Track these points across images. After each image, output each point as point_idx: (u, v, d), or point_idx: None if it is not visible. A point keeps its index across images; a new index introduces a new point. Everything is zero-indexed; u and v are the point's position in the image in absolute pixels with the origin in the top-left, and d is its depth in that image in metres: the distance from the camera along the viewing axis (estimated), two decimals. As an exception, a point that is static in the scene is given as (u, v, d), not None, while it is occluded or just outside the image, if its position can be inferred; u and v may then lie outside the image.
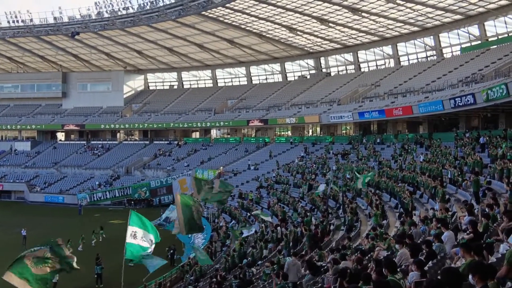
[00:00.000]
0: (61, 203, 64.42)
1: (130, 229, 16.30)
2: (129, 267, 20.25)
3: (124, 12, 66.16)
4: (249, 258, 26.73)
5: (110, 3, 66.47)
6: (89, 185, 67.07)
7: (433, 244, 11.12)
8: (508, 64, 39.63)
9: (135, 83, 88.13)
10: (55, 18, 70.43)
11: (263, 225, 33.71)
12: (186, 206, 17.15)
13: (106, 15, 67.43)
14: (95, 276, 29.51)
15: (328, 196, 33.80)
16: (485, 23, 52.38)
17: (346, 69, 71.52)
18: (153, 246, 17.02)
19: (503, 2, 47.75)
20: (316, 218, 29.10)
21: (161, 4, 62.60)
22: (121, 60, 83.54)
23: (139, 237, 16.21)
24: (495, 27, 52.08)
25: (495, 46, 49.67)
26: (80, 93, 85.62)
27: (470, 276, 5.38)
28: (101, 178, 69.04)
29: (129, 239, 16.25)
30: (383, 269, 8.16)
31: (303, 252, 22.68)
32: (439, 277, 5.41)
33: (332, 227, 26.49)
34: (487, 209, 13.69)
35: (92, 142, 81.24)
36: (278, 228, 29.13)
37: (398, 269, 9.11)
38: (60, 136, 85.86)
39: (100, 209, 58.41)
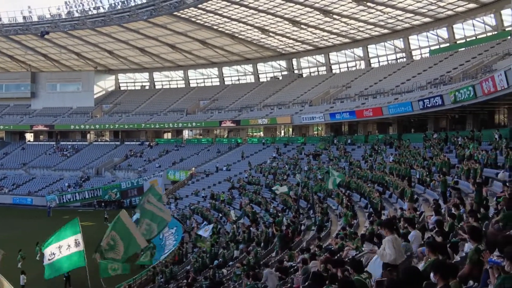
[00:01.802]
0: (30, 204, 63.26)
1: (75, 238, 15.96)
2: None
3: (94, 11, 65.35)
4: (220, 259, 26.69)
5: (81, 3, 65.67)
6: (58, 187, 66.08)
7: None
8: (476, 67, 40.39)
9: (106, 84, 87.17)
10: (24, 18, 69.24)
11: (234, 226, 33.68)
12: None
13: (76, 14, 66.52)
14: (64, 279, 29.01)
15: (299, 197, 33.95)
16: (454, 26, 53.35)
17: (318, 71, 72.00)
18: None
19: (471, 5, 48.70)
20: (287, 218, 29.17)
21: (132, 4, 62.06)
22: (91, 60, 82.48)
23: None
24: (463, 30, 53.08)
25: (463, 49, 50.64)
26: (50, 93, 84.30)
27: (432, 275, 5.44)
28: (70, 179, 68.07)
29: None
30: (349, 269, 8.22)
31: (274, 254, 22.76)
32: (400, 276, 5.46)
33: (303, 228, 26.60)
34: (453, 209, 13.92)
35: (62, 143, 79.99)
36: (251, 228, 29.14)
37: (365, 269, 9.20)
38: (29, 136, 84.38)
39: (70, 211, 57.42)
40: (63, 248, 15.34)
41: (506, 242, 5.42)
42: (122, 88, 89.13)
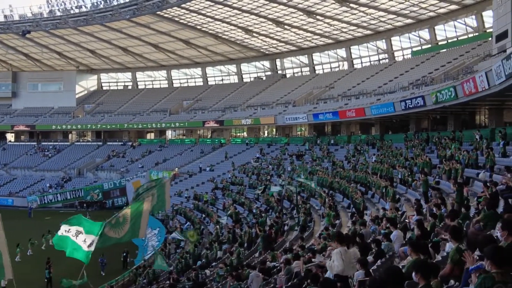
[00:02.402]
0: (11, 205, 62.38)
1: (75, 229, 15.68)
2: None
3: (77, 10, 64.81)
4: (203, 260, 26.61)
5: (63, 2, 65.08)
6: (40, 187, 65.38)
7: (382, 243, 11.31)
8: (457, 68, 40.81)
9: (88, 83, 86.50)
10: (5, 16, 68.36)
11: (217, 226, 33.62)
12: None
13: (58, 13, 65.87)
14: (45, 280, 28.74)
15: (283, 197, 33.98)
16: (435, 27, 53.88)
17: (301, 71, 72.19)
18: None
19: (453, 7, 49.22)
20: (270, 218, 29.19)
21: (115, 3, 61.58)
22: (73, 60, 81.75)
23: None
24: (445, 31, 53.61)
25: (445, 50, 51.12)
26: (31, 93, 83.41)
27: (413, 274, 5.47)
28: (52, 180, 67.38)
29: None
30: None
31: (257, 254, 22.75)
32: (381, 276, 5.48)
33: (286, 228, 26.64)
34: (434, 209, 14.03)
35: (43, 143, 79.12)
36: (234, 229, 29.11)
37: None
38: (10, 137, 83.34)
39: (51, 211, 56.84)
40: (81, 236, 15.15)
41: (487, 242, 5.47)
42: (104, 88, 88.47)
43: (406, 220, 15.65)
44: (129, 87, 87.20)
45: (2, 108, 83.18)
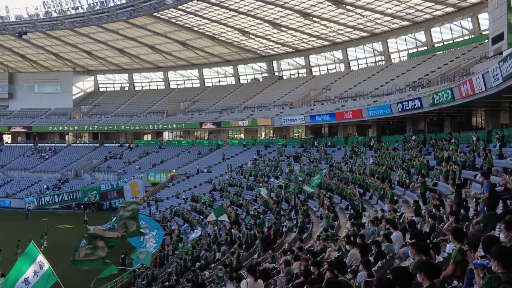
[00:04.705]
0: (8, 207, 62.32)
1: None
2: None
3: (73, 11, 64.81)
4: (202, 261, 26.70)
5: (59, 3, 65.07)
6: (37, 189, 65.27)
7: (382, 244, 11.43)
8: (453, 70, 41.06)
9: (85, 84, 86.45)
10: (1, 17, 68.31)
11: (216, 228, 33.71)
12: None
13: (54, 14, 65.86)
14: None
15: (281, 199, 34.11)
16: (432, 30, 54.12)
17: (298, 73, 72.40)
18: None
19: (448, 9, 49.48)
20: (268, 220, 29.32)
21: (111, 4, 61.66)
22: (70, 61, 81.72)
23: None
24: (441, 34, 53.86)
25: (441, 52, 51.35)
26: (27, 94, 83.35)
27: (417, 275, 5.59)
28: (49, 181, 67.28)
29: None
30: (334, 270, 8.35)
31: (256, 255, 22.86)
32: (389, 276, 5.61)
33: (284, 229, 26.76)
34: (433, 210, 14.17)
35: (40, 144, 78.98)
36: (233, 230, 29.21)
37: (349, 269, 9.36)
38: (6, 138, 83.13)
39: (48, 213, 56.83)
40: (30, 277, 14.86)
41: (492, 242, 5.58)
42: (101, 89, 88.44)
43: (406, 222, 15.78)
44: (126, 89, 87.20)
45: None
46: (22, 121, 79.84)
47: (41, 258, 14.52)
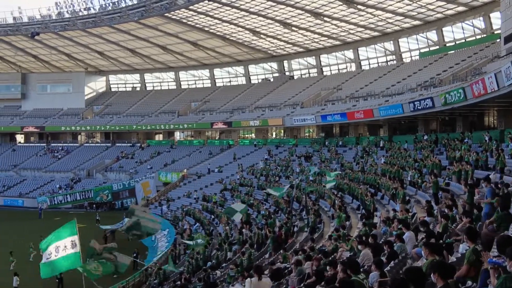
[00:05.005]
0: (21, 206, 62.94)
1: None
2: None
3: (85, 12, 65.22)
4: (213, 261, 26.77)
5: (71, 4, 65.52)
6: (50, 188, 65.82)
7: (395, 244, 11.43)
8: (465, 69, 40.82)
9: (97, 85, 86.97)
10: (14, 18, 68.94)
11: (227, 227, 33.79)
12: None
13: (66, 15, 66.35)
14: (57, 280, 28.98)
15: (292, 198, 34.10)
16: (443, 29, 53.84)
17: (309, 73, 72.32)
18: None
19: (460, 8, 49.20)
20: (280, 220, 29.33)
21: (123, 5, 61.98)
22: (82, 61, 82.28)
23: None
24: (452, 33, 53.56)
25: (453, 51, 51.08)
26: (40, 94, 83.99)
27: (431, 275, 5.61)
28: (61, 181, 67.80)
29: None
30: (347, 270, 8.37)
31: (267, 255, 22.90)
32: (402, 276, 5.63)
33: (295, 229, 26.76)
34: (446, 210, 14.13)
35: (52, 144, 79.57)
36: (243, 230, 29.26)
37: (361, 269, 9.37)
38: (20, 138, 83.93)
39: (61, 212, 57.23)
40: (60, 248, 15.39)
41: (506, 242, 5.58)
42: (113, 89, 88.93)
43: (418, 222, 15.74)
44: (138, 89, 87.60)
45: (11, 110, 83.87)
46: (35, 121, 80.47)
47: (76, 238, 14.91)
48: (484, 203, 12.45)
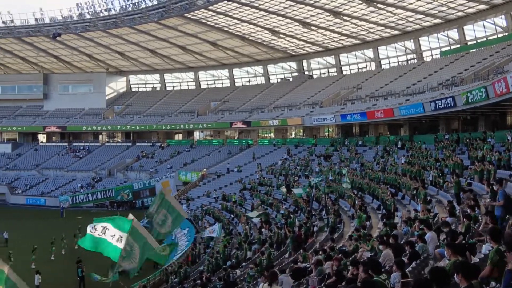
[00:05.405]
0: (43, 205, 63.89)
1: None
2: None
3: (106, 13, 65.91)
4: (233, 260, 26.86)
5: (92, 5, 66.26)
6: (71, 188, 66.65)
7: (416, 244, 11.37)
8: (487, 68, 40.34)
9: (117, 85, 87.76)
10: (36, 19, 69.97)
11: (247, 227, 33.88)
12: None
13: (87, 16, 67.11)
14: (78, 279, 29.37)
15: (312, 198, 34.06)
16: (464, 27, 53.24)
17: (328, 72, 72.07)
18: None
19: (482, 6, 48.61)
20: (299, 219, 29.33)
21: (143, 5, 62.51)
22: (103, 62, 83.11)
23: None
24: (474, 31, 52.95)
25: (474, 50, 50.51)
26: (62, 94, 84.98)
27: (455, 276, 5.59)
28: (83, 180, 68.61)
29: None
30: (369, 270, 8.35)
31: (287, 255, 22.92)
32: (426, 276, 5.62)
33: (315, 229, 26.72)
34: (468, 210, 14.01)
35: (74, 144, 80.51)
36: (263, 230, 29.32)
37: (382, 270, 9.35)
38: (42, 138, 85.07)
39: (82, 211, 57.96)
40: (108, 232, 15.45)
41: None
42: (133, 90, 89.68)
43: (439, 222, 15.63)
44: (157, 89, 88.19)
45: (34, 110, 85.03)
46: (56, 121, 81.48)
47: (125, 236, 14.92)
48: (496, 206, 12.32)
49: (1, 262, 12.28)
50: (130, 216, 15.97)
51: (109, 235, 15.54)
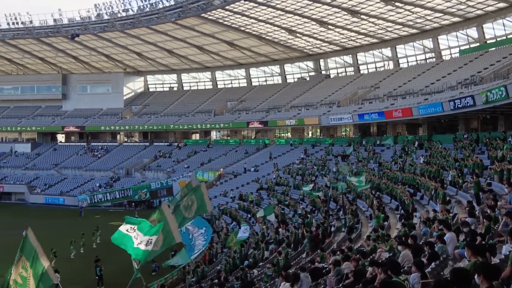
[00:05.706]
0: (62, 204, 64.57)
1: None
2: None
3: (123, 14, 66.38)
4: (250, 260, 26.86)
5: (110, 5, 66.77)
6: (90, 187, 67.24)
7: (435, 245, 11.25)
8: (507, 66, 39.84)
9: (135, 85, 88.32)
10: (55, 20, 70.71)
11: (264, 226, 33.86)
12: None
13: (105, 17, 67.63)
14: (96, 278, 29.61)
15: (329, 198, 33.93)
16: (484, 26, 52.61)
17: (346, 71, 71.76)
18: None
19: (501, 4, 48.00)
20: (316, 219, 29.23)
21: (160, 6, 62.81)
22: (120, 62, 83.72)
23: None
24: (493, 30, 52.30)
25: (494, 49, 49.92)
26: (80, 94, 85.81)
27: (476, 276, 5.52)
28: (101, 179, 69.18)
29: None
30: (388, 270, 8.29)
31: (304, 255, 22.85)
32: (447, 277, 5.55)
33: (333, 229, 26.60)
34: (488, 211, 13.84)
35: (92, 143, 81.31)
36: (280, 229, 29.27)
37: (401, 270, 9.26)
38: (60, 137, 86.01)
39: (101, 210, 58.50)
40: (137, 240, 15.52)
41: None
42: (150, 90, 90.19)
43: (459, 222, 15.45)
44: (175, 89, 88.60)
45: (53, 110, 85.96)
46: (75, 121, 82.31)
47: (154, 239, 14.93)
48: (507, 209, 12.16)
49: (45, 258, 12.70)
50: (164, 205, 16.08)
51: (133, 236, 15.60)
